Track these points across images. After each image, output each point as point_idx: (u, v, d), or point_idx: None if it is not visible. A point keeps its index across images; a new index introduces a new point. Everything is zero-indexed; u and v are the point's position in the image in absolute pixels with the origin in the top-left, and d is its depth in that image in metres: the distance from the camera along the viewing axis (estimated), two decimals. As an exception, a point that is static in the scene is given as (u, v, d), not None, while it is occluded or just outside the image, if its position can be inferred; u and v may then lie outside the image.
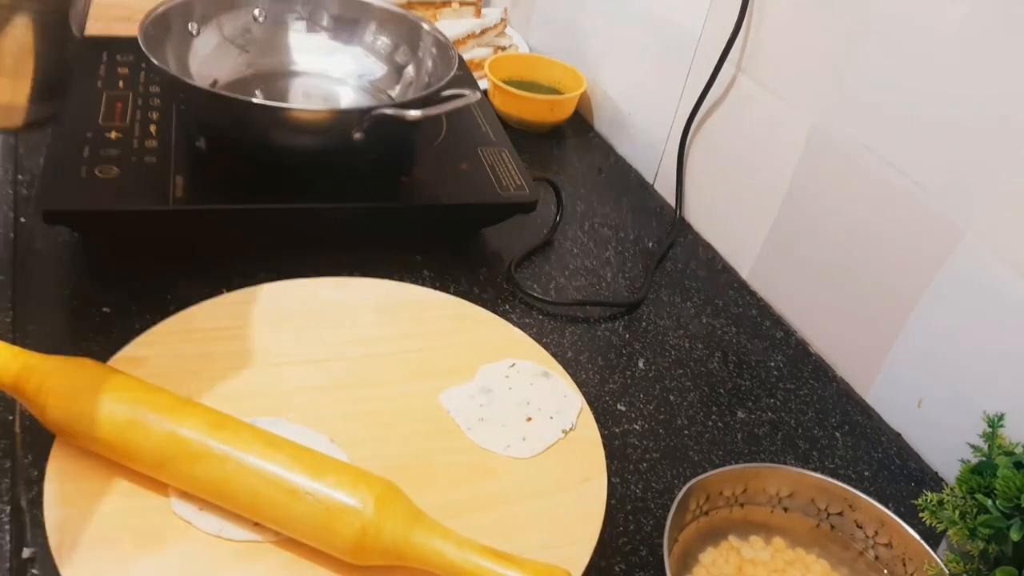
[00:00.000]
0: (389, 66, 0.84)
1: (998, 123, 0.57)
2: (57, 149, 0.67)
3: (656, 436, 0.62)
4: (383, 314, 0.65)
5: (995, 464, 0.46)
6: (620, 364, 0.68)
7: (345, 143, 0.67)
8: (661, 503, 0.57)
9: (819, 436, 0.65)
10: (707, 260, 0.84)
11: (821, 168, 0.72)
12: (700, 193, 0.88)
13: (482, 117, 0.85)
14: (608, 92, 1.02)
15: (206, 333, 0.60)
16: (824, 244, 0.72)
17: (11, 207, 0.70)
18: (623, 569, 0.52)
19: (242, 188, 0.68)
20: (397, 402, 0.58)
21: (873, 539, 0.53)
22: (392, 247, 0.74)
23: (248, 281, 0.66)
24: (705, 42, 0.84)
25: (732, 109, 0.82)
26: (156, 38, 0.72)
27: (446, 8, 1.10)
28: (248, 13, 0.83)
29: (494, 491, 0.53)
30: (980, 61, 0.58)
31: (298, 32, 0.85)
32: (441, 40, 0.80)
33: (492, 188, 0.74)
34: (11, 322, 0.60)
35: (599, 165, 0.97)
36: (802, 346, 0.74)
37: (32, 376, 0.48)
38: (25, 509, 0.48)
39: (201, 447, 0.46)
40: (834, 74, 0.69)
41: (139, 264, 0.67)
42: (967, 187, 0.60)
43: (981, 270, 0.59)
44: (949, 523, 0.46)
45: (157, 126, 0.72)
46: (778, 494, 0.54)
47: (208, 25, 0.80)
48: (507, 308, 0.71)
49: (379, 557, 0.45)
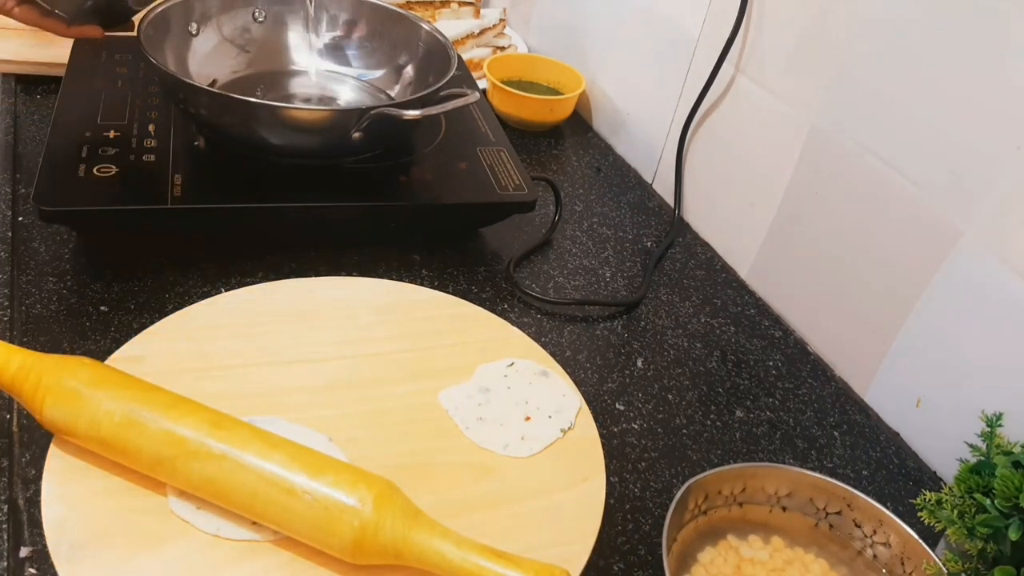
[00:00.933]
0: (388, 66, 0.84)
1: (997, 123, 0.57)
2: (55, 148, 0.67)
3: (655, 435, 0.62)
4: (382, 314, 0.65)
5: (993, 463, 0.46)
6: (619, 363, 0.68)
7: (344, 143, 0.67)
8: (660, 502, 0.57)
9: (818, 435, 0.65)
10: (706, 259, 0.84)
11: (820, 168, 0.72)
12: (699, 192, 0.88)
13: (481, 117, 0.85)
14: (607, 92, 1.02)
15: (204, 332, 0.60)
16: (823, 244, 0.72)
17: (9, 206, 0.70)
18: (622, 568, 0.52)
19: (240, 187, 0.68)
20: (395, 402, 0.58)
21: (871, 538, 0.53)
22: (391, 247, 0.74)
23: (246, 280, 0.66)
24: (704, 42, 0.84)
25: (731, 109, 0.82)
26: (155, 38, 0.72)
27: (445, 8, 1.10)
28: (247, 13, 0.83)
29: (492, 490, 0.53)
30: (980, 61, 0.58)
31: (297, 32, 0.85)
32: (440, 40, 0.80)
33: (491, 188, 0.74)
34: (9, 321, 0.60)
35: (598, 165, 0.97)
36: (801, 345, 0.74)
37: (30, 375, 0.48)
38: (23, 508, 0.48)
39: (199, 446, 0.46)
40: (833, 74, 0.69)
41: (137, 263, 0.67)
42: (966, 187, 0.60)
43: (980, 270, 0.59)
44: (947, 522, 0.46)
45: (156, 125, 0.72)
46: (777, 493, 0.54)
47: (207, 25, 0.80)
48: (506, 307, 0.71)
49: (378, 556, 0.45)
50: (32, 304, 0.62)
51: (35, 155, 0.76)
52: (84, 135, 0.69)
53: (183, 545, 0.46)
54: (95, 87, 0.76)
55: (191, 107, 0.69)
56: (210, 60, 0.79)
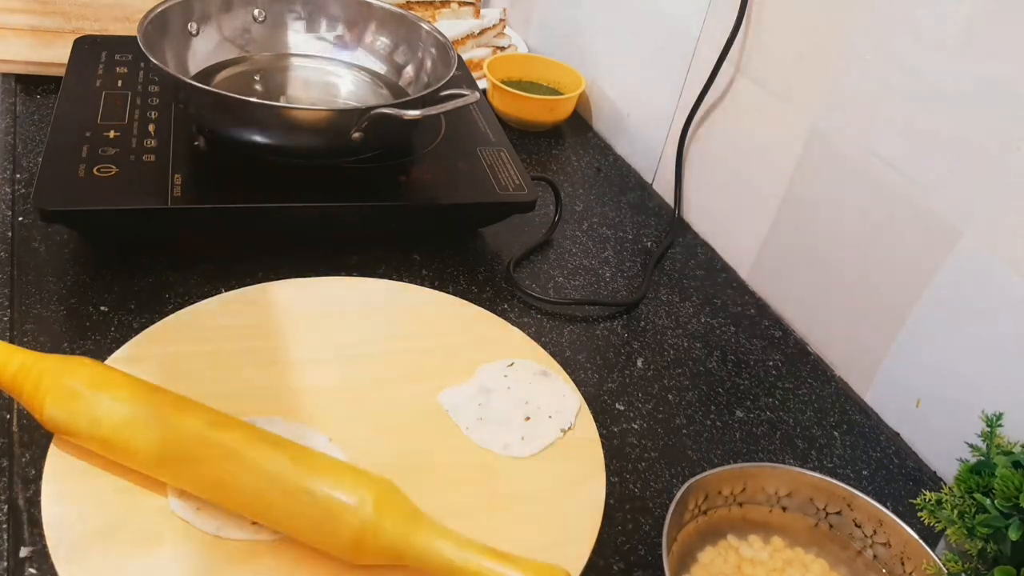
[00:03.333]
0: (388, 66, 0.84)
1: (997, 123, 0.57)
2: (55, 148, 0.67)
3: (655, 435, 0.62)
4: (381, 314, 0.65)
5: (993, 463, 0.46)
6: (619, 363, 0.68)
7: (344, 143, 0.67)
8: (660, 502, 0.57)
9: (817, 435, 0.65)
10: (706, 259, 0.84)
11: (820, 168, 0.72)
12: (699, 193, 0.88)
13: (481, 117, 0.85)
14: (607, 92, 1.02)
15: (204, 333, 0.60)
16: (822, 244, 0.72)
17: (9, 206, 0.70)
18: (622, 568, 0.52)
19: (240, 187, 0.68)
20: (396, 402, 0.58)
21: (871, 538, 0.53)
22: (391, 247, 0.74)
23: (246, 281, 0.66)
24: (704, 42, 0.84)
25: (731, 109, 0.82)
26: (155, 37, 0.72)
27: (445, 8, 1.10)
28: (248, 13, 0.83)
29: (493, 491, 0.53)
30: (979, 61, 0.58)
31: (297, 32, 0.85)
32: (441, 40, 0.80)
33: (491, 188, 0.74)
34: (9, 321, 0.60)
35: (598, 165, 0.97)
36: (801, 345, 0.74)
37: (30, 375, 0.48)
38: (23, 508, 0.48)
39: (199, 446, 0.46)
40: (833, 74, 0.69)
41: (137, 263, 0.67)
42: (966, 187, 0.60)
43: (980, 270, 0.59)
44: (947, 522, 0.46)
45: (156, 125, 0.72)
46: (776, 493, 0.54)
47: (207, 25, 0.80)
48: (506, 307, 0.71)
49: (378, 556, 0.45)
50: (32, 304, 0.62)
51: (35, 155, 0.76)
52: (84, 135, 0.69)
53: (183, 545, 0.46)
54: (95, 87, 0.76)
55: (191, 107, 0.69)
56: (210, 60, 0.79)
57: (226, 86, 0.76)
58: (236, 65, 0.82)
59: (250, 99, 0.65)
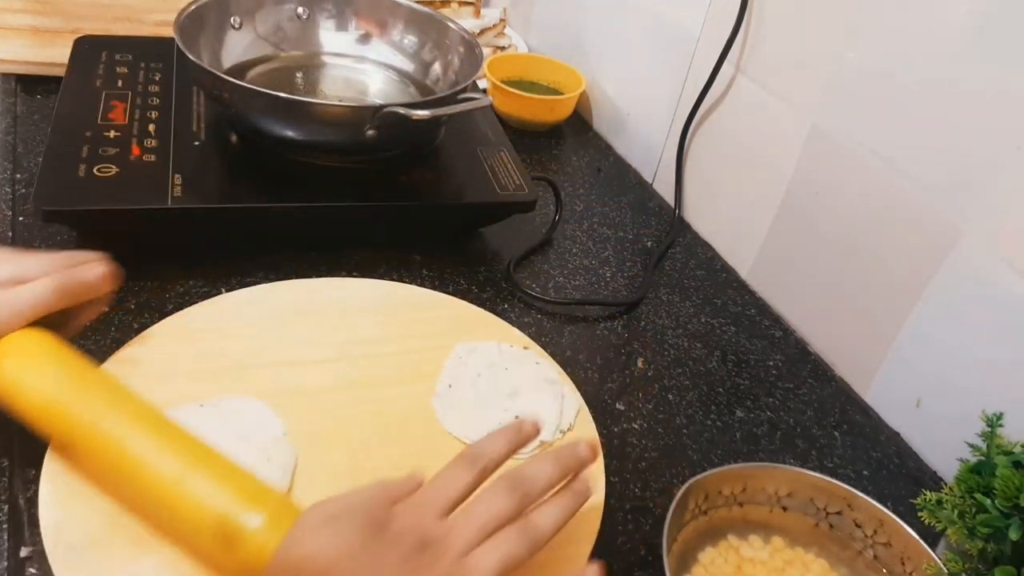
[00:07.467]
0: (416, 64, 0.85)
1: (998, 123, 0.57)
2: (55, 148, 0.67)
3: (655, 435, 0.62)
4: (381, 314, 0.65)
5: (994, 463, 0.46)
6: (619, 363, 0.68)
7: (360, 140, 0.68)
8: (660, 502, 0.57)
9: (818, 435, 0.65)
10: (706, 259, 0.84)
11: (820, 168, 0.72)
12: (699, 192, 0.88)
13: (481, 117, 0.85)
14: (607, 92, 1.02)
15: (204, 333, 0.60)
16: (823, 243, 0.72)
17: (9, 206, 0.70)
18: (622, 568, 0.52)
19: (240, 187, 0.68)
20: (395, 402, 0.58)
21: (872, 538, 0.53)
22: (391, 247, 0.74)
23: (246, 281, 0.66)
24: (704, 42, 0.84)
25: (731, 109, 0.82)
26: (192, 31, 0.73)
27: (445, 8, 1.10)
28: (284, 10, 0.84)
29: (493, 490, 0.53)
30: (980, 61, 0.58)
31: (328, 30, 0.86)
32: (467, 39, 0.80)
33: (491, 187, 0.74)
34: (9, 321, 0.60)
35: (598, 164, 0.97)
36: (801, 345, 0.74)
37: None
38: (23, 508, 0.48)
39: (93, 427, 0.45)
40: (833, 74, 0.69)
41: (137, 263, 0.67)
42: (967, 187, 0.60)
43: (980, 270, 0.59)
44: (948, 522, 0.46)
45: (156, 125, 0.72)
46: (777, 493, 0.54)
47: (248, 20, 0.81)
48: (506, 307, 0.71)
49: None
50: (32, 304, 0.61)
51: (35, 155, 0.76)
52: (84, 135, 0.69)
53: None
54: (95, 87, 0.76)
55: (225, 103, 0.70)
56: (244, 55, 0.81)
57: (264, 83, 0.76)
58: (268, 62, 0.83)
59: (270, 91, 0.66)
